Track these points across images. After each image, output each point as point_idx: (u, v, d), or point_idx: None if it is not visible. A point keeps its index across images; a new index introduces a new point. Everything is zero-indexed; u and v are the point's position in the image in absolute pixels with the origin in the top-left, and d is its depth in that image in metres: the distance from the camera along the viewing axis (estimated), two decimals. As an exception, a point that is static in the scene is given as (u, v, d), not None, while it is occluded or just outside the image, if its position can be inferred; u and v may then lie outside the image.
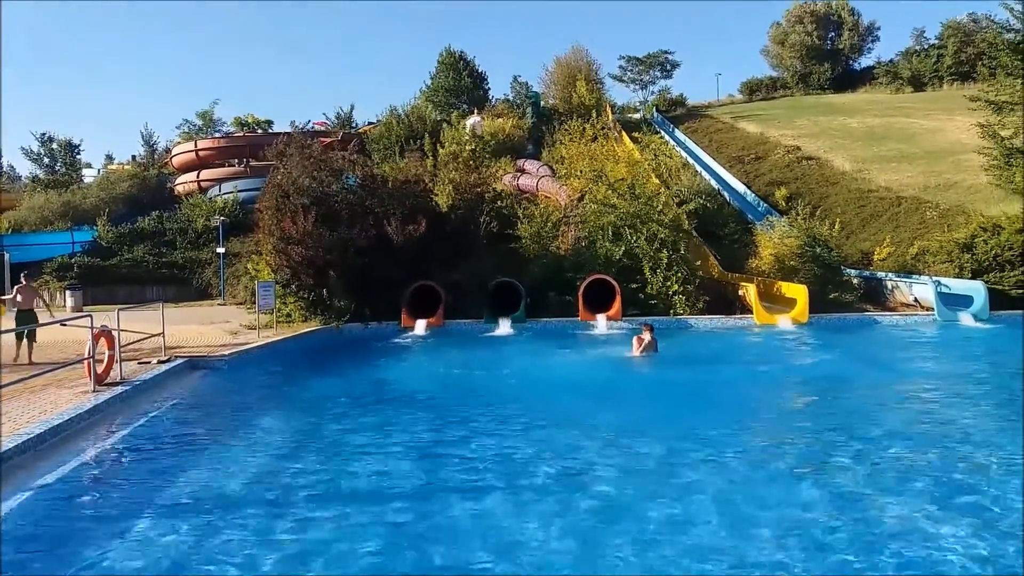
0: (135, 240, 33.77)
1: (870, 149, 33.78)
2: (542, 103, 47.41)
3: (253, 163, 38.36)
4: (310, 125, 48.24)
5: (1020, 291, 18.90)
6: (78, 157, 58.89)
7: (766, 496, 6.62)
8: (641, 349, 14.55)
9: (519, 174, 30.91)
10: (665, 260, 20.13)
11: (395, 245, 19.76)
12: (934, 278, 19.15)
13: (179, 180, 42.48)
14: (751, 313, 19.02)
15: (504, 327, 18.70)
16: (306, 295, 19.91)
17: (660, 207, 21.63)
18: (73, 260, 31.48)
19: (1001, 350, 15.19)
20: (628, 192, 21.69)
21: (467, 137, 34.49)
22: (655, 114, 48.96)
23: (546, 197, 27.20)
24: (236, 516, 6.45)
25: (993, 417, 9.72)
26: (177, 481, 7.45)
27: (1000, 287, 18.88)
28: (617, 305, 19.12)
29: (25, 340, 14.24)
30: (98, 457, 8.42)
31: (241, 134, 46.62)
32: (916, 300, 19.78)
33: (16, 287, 15.06)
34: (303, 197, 19.81)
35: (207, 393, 12.32)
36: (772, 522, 5.97)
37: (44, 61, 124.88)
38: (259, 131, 46.11)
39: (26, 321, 14.39)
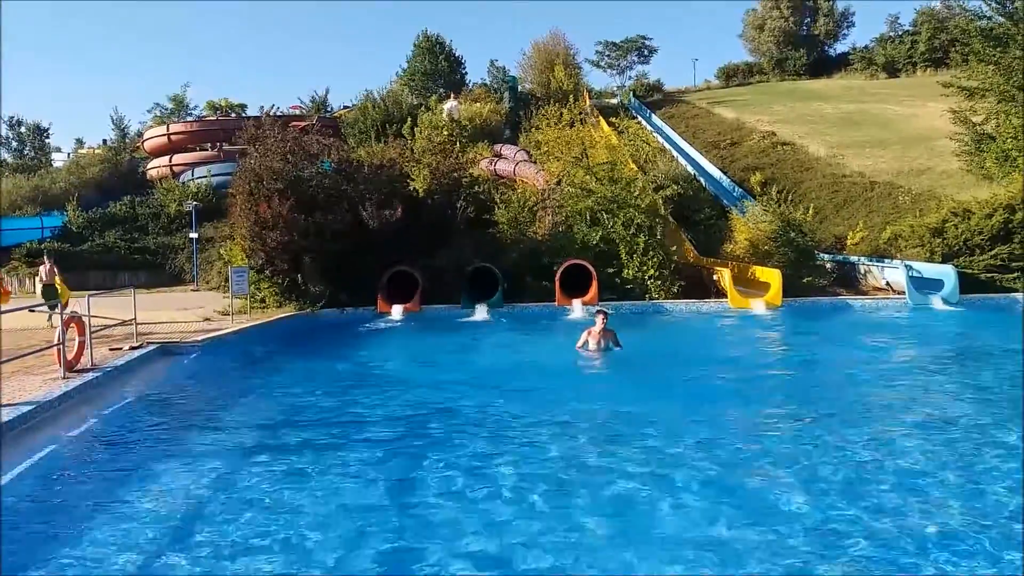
0: (106, 225, 33.26)
1: (845, 135, 34.02)
2: (519, 88, 47.19)
3: (226, 147, 37.85)
4: (282, 110, 47.68)
5: (989, 275, 19.17)
6: (47, 141, 57.93)
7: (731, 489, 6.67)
8: (596, 342, 12.67)
9: (496, 159, 30.78)
10: (642, 245, 20.20)
11: (371, 230, 19.63)
12: (906, 262, 19.37)
13: (151, 165, 41.87)
14: (726, 297, 19.15)
15: (481, 312, 18.67)
16: (281, 280, 19.74)
17: (637, 192, 21.67)
18: (43, 245, 30.94)
19: (970, 333, 15.48)
20: (606, 177, 21.69)
21: (444, 121, 34.26)
22: (632, 99, 48.94)
23: (523, 182, 27.12)
24: (208, 505, 6.41)
25: (962, 396, 9.88)
26: (149, 470, 7.38)
27: (970, 271, 19.14)
28: (593, 290, 19.16)
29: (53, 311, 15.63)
30: (68, 445, 8.31)
31: (214, 118, 46.00)
32: (888, 284, 20.02)
33: (41, 266, 18.27)
34: (277, 182, 19.59)
35: (180, 380, 12.20)
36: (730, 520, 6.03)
37: (9, 42, 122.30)
38: (233, 115, 45.53)
39: (50, 295, 16.47)
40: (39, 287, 17.25)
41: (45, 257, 19.14)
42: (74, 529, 5.88)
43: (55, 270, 18.61)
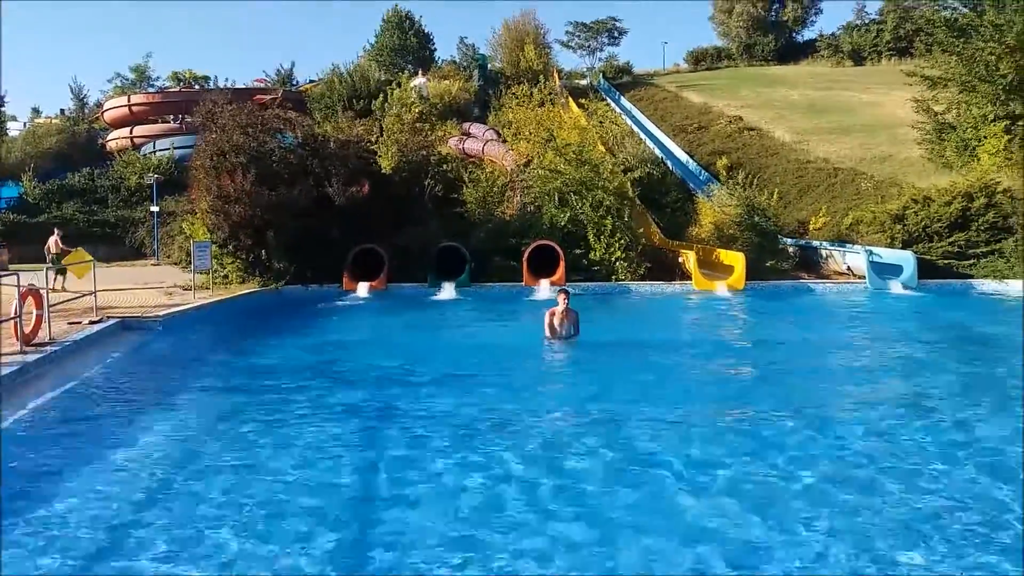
0: (64, 197, 32.53)
1: (810, 121, 34.43)
2: (489, 66, 46.90)
3: (189, 120, 37.14)
4: (246, 83, 46.82)
5: (947, 261, 19.60)
6: (2, 110, 56.20)
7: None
8: (559, 324, 11.87)
9: (465, 137, 30.63)
10: (609, 227, 20.28)
11: (337, 207, 19.43)
12: (867, 247, 19.72)
13: (111, 136, 40.94)
14: (690, 280, 19.34)
15: (448, 291, 18.64)
16: (244, 256, 19.47)
17: (606, 174, 21.72)
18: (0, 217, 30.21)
19: (927, 315, 15.87)
20: (575, 158, 21.70)
21: (413, 98, 33.94)
22: (601, 81, 48.93)
23: (492, 161, 27.05)
24: (170, 481, 6.35)
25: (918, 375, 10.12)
26: (109, 446, 7.27)
27: (928, 257, 19.55)
28: (561, 271, 19.22)
29: (60, 276, 18.47)
30: (25, 420, 8.16)
31: (177, 89, 45.07)
32: (849, 268, 20.37)
33: (52, 237, 21.27)
34: (240, 156, 19.25)
35: (140, 355, 12.02)
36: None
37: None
38: (196, 87, 44.63)
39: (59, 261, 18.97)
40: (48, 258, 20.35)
41: (55, 229, 22.06)
42: (33, 502, 5.78)
43: (59, 242, 21.24)
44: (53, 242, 21.29)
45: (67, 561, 4.89)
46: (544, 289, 18.55)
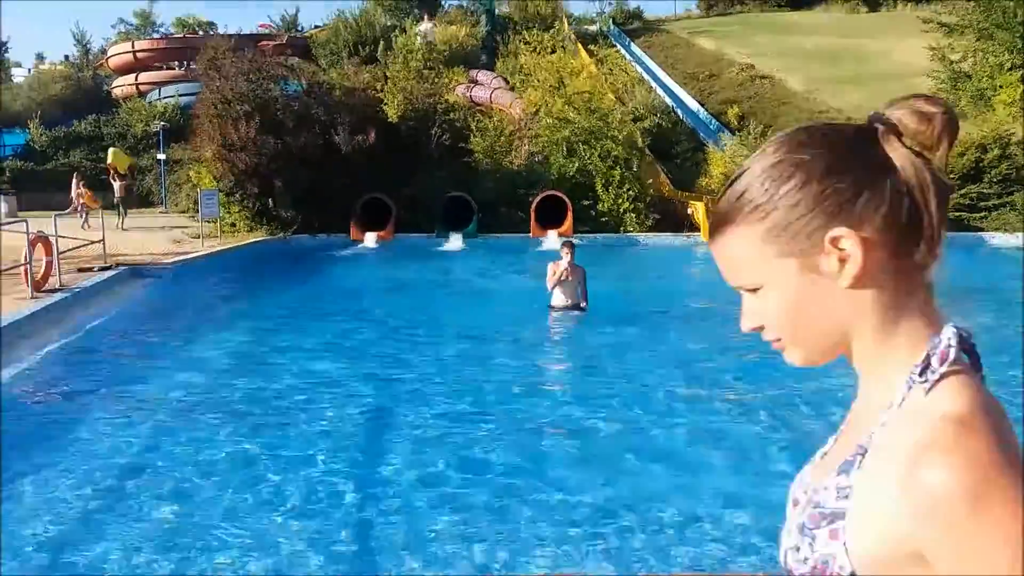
0: (71, 144, 32.39)
1: (823, 70, 33.81)
2: (496, 11, 46.00)
3: (194, 67, 36.75)
4: (251, 29, 46.17)
5: (958, 214, 19.39)
6: (6, 56, 55.65)
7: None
8: (563, 281, 10.10)
9: (472, 85, 30.20)
10: (618, 177, 20.12)
11: (344, 156, 19.33)
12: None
13: (116, 83, 40.51)
14: (699, 231, 19.26)
15: (455, 242, 18.64)
16: (251, 204, 19.48)
17: (615, 124, 21.48)
18: (5, 164, 30.11)
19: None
20: (584, 107, 21.43)
21: (419, 44, 33.41)
22: (611, 27, 48.00)
23: (500, 110, 26.74)
24: (180, 427, 6.46)
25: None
26: (119, 391, 7.39)
27: (938, 210, 19.38)
28: (568, 222, 19.16)
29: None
30: (39, 365, 8.29)
31: (182, 36, 44.48)
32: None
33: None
34: (244, 104, 19.09)
35: (150, 302, 12.16)
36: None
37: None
38: (201, 33, 44.04)
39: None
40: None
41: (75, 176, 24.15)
42: (46, 449, 5.90)
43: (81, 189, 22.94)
44: (119, 187, 23.08)
45: (87, 493, 5.01)
46: (551, 240, 18.51)
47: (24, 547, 4.35)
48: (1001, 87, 23.15)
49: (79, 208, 21.55)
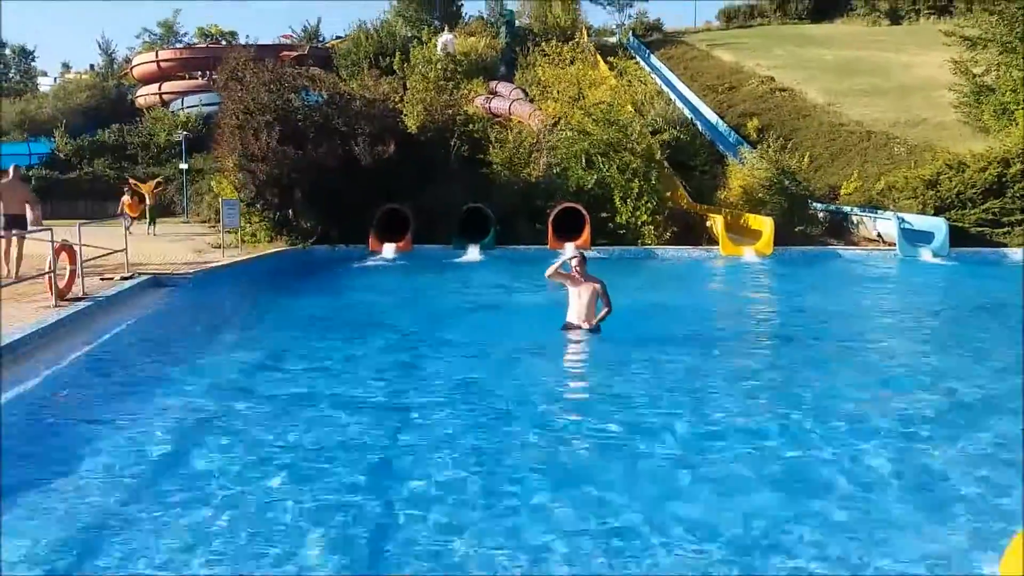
0: (95, 153, 32.88)
1: (843, 82, 33.65)
2: (516, 23, 46.21)
3: (216, 76, 37.19)
4: (272, 40, 46.66)
5: (980, 229, 19.26)
6: (32, 64, 56.67)
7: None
8: (577, 285, 9.75)
9: (491, 96, 30.33)
10: (636, 190, 20.10)
11: (363, 167, 19.45)
12: (898, 214, 19.42)
13: (140, 92, 41.12)
14: (717, 244, 19.21)
15: (473, 253, 18.71)
16: (272, 215, 19.67)
17: (634, 136, 21.48)
18: (31, 173, 30.58)
19: (958, 286, 15.67)
20: (603, 119, 21.46)
21: (439, 56, 33.62)
22: (631, 39, 48.07)
23: (519, 121, 26.82)
24: (202, 436, 6.51)
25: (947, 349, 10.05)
26: (140, 399, 7.46)
27: (961, 224, 19.22)
28: (586, 234, 19.17)
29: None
30: (63, 372, 8.39)
31: (205, 45, 45.05)
32: (880, 235, 20.10)
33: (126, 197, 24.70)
34: (265, 114, 19.29)
35: (172, 310, 12.27)
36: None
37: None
38: (223, 43, 44.58)
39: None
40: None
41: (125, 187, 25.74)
42: (66, 455, 5.97)
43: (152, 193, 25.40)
44: (148, 192, 25.26)
45: (109, 501, 5.07)
46: (569, 252, 18.49)
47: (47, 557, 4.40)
48: (1025, 101, 22.94)
49: (122, 215, 23.73)
